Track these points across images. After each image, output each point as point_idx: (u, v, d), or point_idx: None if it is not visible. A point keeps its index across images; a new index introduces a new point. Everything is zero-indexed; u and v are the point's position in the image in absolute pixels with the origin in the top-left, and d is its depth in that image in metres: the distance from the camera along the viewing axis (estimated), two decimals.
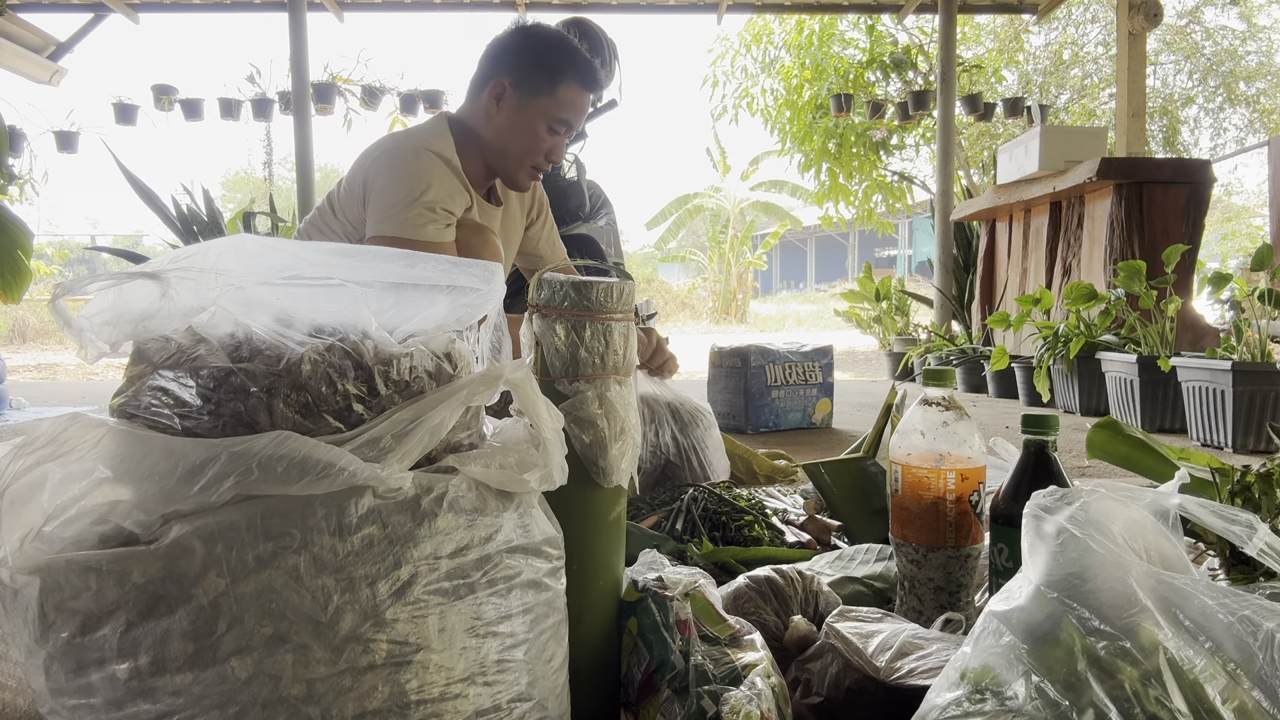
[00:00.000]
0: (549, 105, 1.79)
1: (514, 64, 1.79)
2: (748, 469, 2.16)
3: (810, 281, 26.78)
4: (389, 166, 1.72)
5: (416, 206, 1.67)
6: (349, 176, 1.81)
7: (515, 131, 1.81)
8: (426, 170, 1.71)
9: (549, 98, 1.79)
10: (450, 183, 1.75)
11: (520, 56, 1.80)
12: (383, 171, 1.73)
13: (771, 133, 9.03)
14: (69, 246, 15.20)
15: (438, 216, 1.68)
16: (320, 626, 0.60)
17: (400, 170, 1.70)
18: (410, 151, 1.73)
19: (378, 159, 1.76)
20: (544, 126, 1.80)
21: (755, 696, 0.77)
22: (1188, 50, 12.22)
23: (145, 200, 5.08)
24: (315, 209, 1.90)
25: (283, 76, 6.89)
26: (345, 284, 0.71)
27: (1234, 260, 10.65)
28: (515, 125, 1.80)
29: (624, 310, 0.87)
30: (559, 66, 1.79)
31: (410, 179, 1.69)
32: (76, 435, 0.65)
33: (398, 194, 1.68)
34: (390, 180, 1.71)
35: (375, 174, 1.74)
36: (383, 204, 1.69)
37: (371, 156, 1.78)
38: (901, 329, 6.40)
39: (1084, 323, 3.74)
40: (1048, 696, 0.59)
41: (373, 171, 1.75)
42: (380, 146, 1.79)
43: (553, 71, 1.78)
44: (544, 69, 1.79)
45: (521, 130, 1.80)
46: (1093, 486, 0.70)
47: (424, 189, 1.68)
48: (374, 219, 1.70)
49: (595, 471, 0.85)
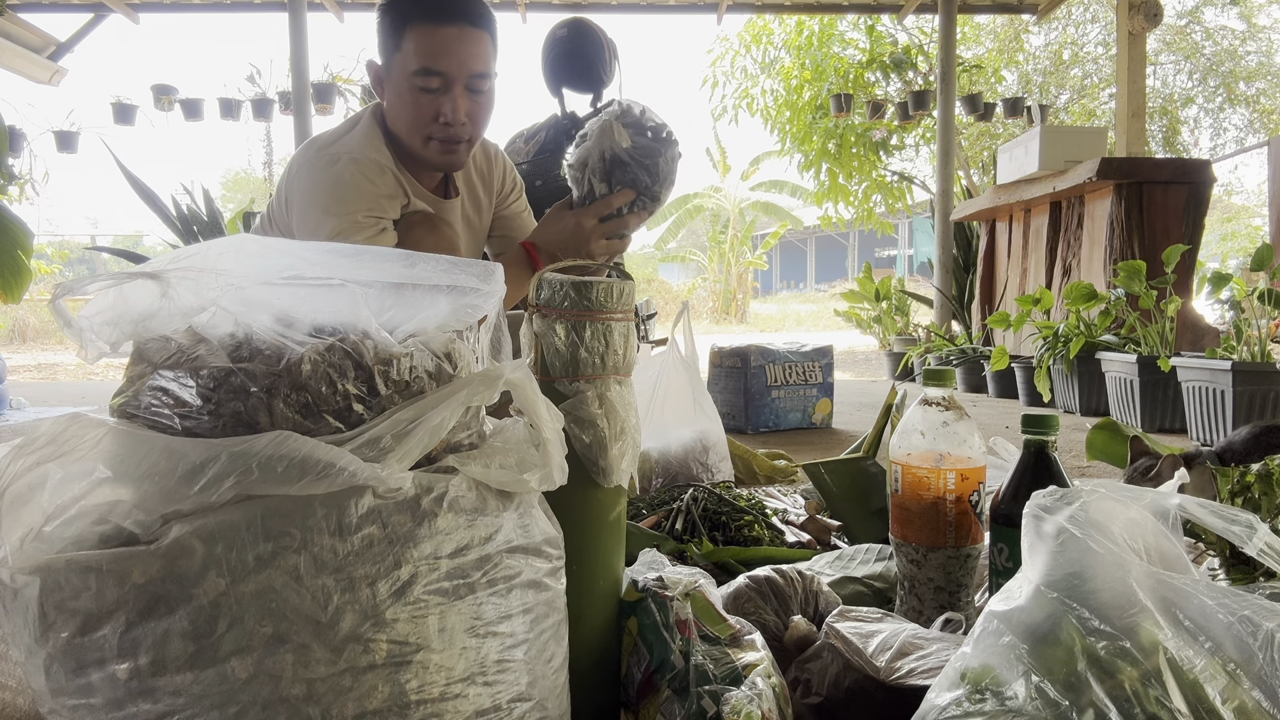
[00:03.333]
0: (403, 61, 1.57)
1: (378, 39, 1.63)
2: (748, 469, 2.16)
3: (810, 281, 26.79)
4: (307, 180, 1.59)
5: (339, 219, 1.53)
6: (282, 187, 1.69)
7: (395, 108, 1.62)
8: (344, 178, 1.56)
9: (400, 53, 1.57)
10: (376, 185, 1.59)
11: (377, 31, 1.63)
12: (301, 185, 1.61)
13: (771, 133, 9.04)
14: (69, 246, 15.20)
15: (363, 224, 1.55)
16: (320, 626, 0.60)
17: (318, 182, 1.57)
18: (326, 161, 1.59)
19: (297, 172, 1.62)
20: (410, 87, 1.57)
21: (756, 696, 0.77)
22: (1188, 50, 12.22)
23: (145, 200, 5.08)
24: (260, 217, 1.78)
25: (283, 76, 6.90)
26: (345, 284, 0.71)
27: (1234, 260, 10.65)
28: (392, 102, 1.62)
29: (624, 310, 0.87)
30: (399, 15, 1.57)
31: (328, 190, 1.55)
32: (76, 435, 0.65)
33: (318, 208, 1.55)
34: (310, 194, 1.58)
35: (294, 187, 1.62)
36: (307, 221, 1.57)
37: (293, 169, 1.65)
38: (901, 329, 6.40)
39: (1084, 323, 3.74)
40: (1048, 696, 0.59)
41: (293, 185, 1.62)
42: (300, 158, 1.65)
43: (395, 25, 1.58)
44: (389, 29, 1.59)
45: (396, 104, 1.61)
46: (1093, 486, 0.70)
47: (343, 199, 1.54)
48: (301, 236, 1.57)
49: (595, 471, 0.85)
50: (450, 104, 1.58)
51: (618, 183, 1.46)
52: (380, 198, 1.58)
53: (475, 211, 1.87)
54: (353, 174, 1.56)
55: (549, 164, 2.62)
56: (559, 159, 2.67)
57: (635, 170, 1.46)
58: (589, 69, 2.57)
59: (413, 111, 1.59)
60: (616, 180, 1.46)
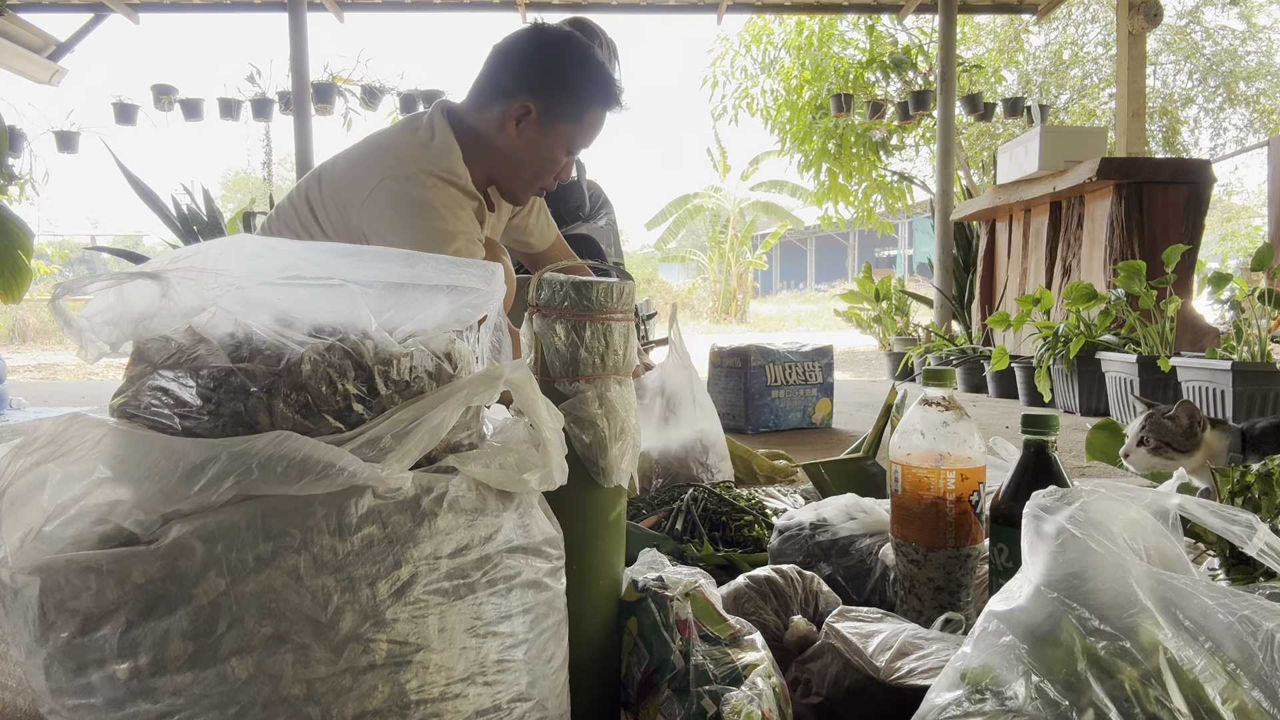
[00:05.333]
0: (572, 131, 1.71)
1: (539, 86, 1.68)
2: (748, 469, 2.16)
3: (810, 281, 26.79)
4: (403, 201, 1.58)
5: (459, 239, 1.58)
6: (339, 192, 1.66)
7: (534, 156, 1.72)
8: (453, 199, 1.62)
9: (574, 124, 1.71)
10: (469, 208, 1.67)
11: (546, 77, 1.68)
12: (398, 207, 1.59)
13: (771, 133, 9.04)
14: (69, 246, 15.19)
15: (476, 249, 1.61)
16: (320, 626, 0.60)
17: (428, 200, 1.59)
18: (428, 179, 1.61)
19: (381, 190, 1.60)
20: (563, 151, 1.73)
21: (756, 696, 0.77)
22: (1188, 50, 12.22)
23: (145, 200, 5.08)
24: (289, 205, 1.74)
25: (283, 76, 6.90)
26: (345, 284, 0.71)
27: (1234, 260, 10.65)
28: (535, 150, 1.72)
29: (624, 310, 0.87)
30: (586, 90, 1.69)
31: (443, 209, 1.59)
32: (76, 435, 0.65)
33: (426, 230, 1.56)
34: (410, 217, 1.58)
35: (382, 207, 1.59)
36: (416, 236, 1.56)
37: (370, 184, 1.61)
38: (901, 329, 6.40)
39: (1084, 323, 3.74)
40: (1048, 696, 0.59)
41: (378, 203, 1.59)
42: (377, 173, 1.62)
43: (580, 97, 1.69)
44: (571, 94, 1.69)
45: (541, 155, 1.72)
46: (1093, 486, 0.70)
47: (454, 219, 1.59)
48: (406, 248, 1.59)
49: (595, 471, 0.85)
50: (570, 169, 1.80)
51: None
52: (474, 220, 1.69)
53: (498, 223, 1.96)
54: (458, 195, 1.65)
55: None
56: None
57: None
58: None
59: (550, 167, 1.75)
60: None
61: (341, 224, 1.67)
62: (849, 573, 1.20)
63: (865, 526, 1.24)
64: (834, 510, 1.29)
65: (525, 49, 1.71)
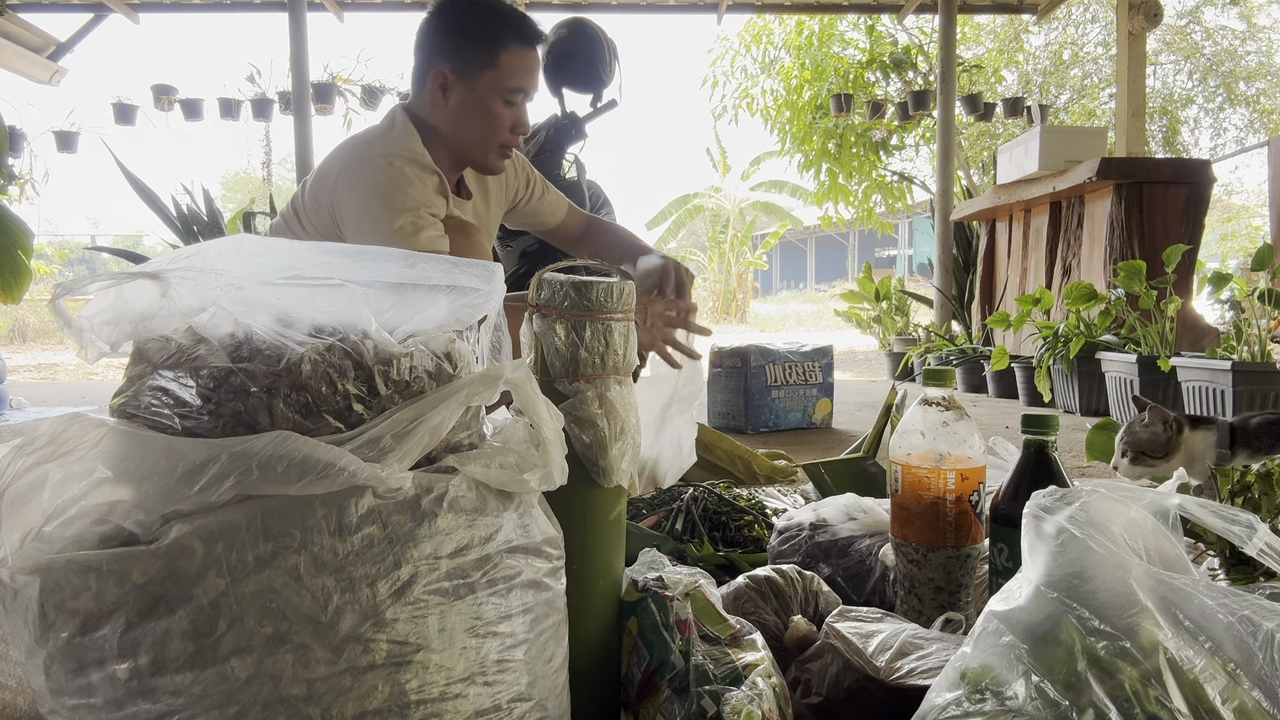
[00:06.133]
0: (495, 78, 1.66)
1: (447, 48, 1.67)
2: (748, 469, 2.16)
3: (810, 281, 26.78)
4: (363, 179, 1.61)
5: (404, 215, 1.56)
6: (313, 188, 1.70)
7: (470, 117, 1.69)
8: (403, 176, 1.60)
9: (493, 70, 1.65)
10: (427, 185, 1.64)
11: (450, 37, 1.67)
12: (354, 188, 1.61)
13: (771, 133, 9.04)
14: (69, 246, 15.19)
15: (426, 221, 1.58)
16: (320, 626, 0.60)
17: (376, 181, 1.59)
18: (380, 161, 1.61)
19: (343, 175, 1.63)
20: (498, 102, 1.67)
21: (756, 696, 0.77)
22: (1188, 50, 12.22)
23: (145, 200, 5.07)
24: (285, 212, 1.78)
25: (283, 76, 6.90)
26: (345, 284, 0.71)
27: (1234, 260, 10.65)
28: (468, 111, 1.68)
29: (624, 310, 0.87)
30: (493, 33, 1.65)
31: (391, 188, 1.58)
32: (76, 435, 0.65)
33: (378, 208, 1.57)
34: (366, 196, 1.59)
35: (344, 191, 1.62)
36: (365, 223, 1.58)
37: (335, 171, 1.65)
38: (901, 329, 6.40)
39: (1084, 323, 3.74)
40: (1048, 696, 0.59)
41: (342, 187, 1.62)
42: (343, 161, 1.66)
43: (486, 42, 1.65)
44: (477, 42, 1.66)
45: (476, 114, 1.68)
46: (1093, 486, 0.70)
47: (404, 196, 1.57)
48: (361, 234, 1.59)
49: (595, 471, 0.85)
50: (524, 118, 1.73)
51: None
52: (434, 196, 1.64)
53: (485, 210, 1.91)
54: (411, 172, 1.62)
55: (549, 164, 2.62)
56: (559, 159, 2.67)
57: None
58: (589, 69, 2.57)
59: (494, 123, 1.69)
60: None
61: (319, 219, 1.68)
62: (849, 573, 1.20)
63: (865, 527, 1.24)
64: (834, 510, 1.29)
65: (429, 24, 1.71)
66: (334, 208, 1.64)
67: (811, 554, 1.24)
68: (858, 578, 1.19)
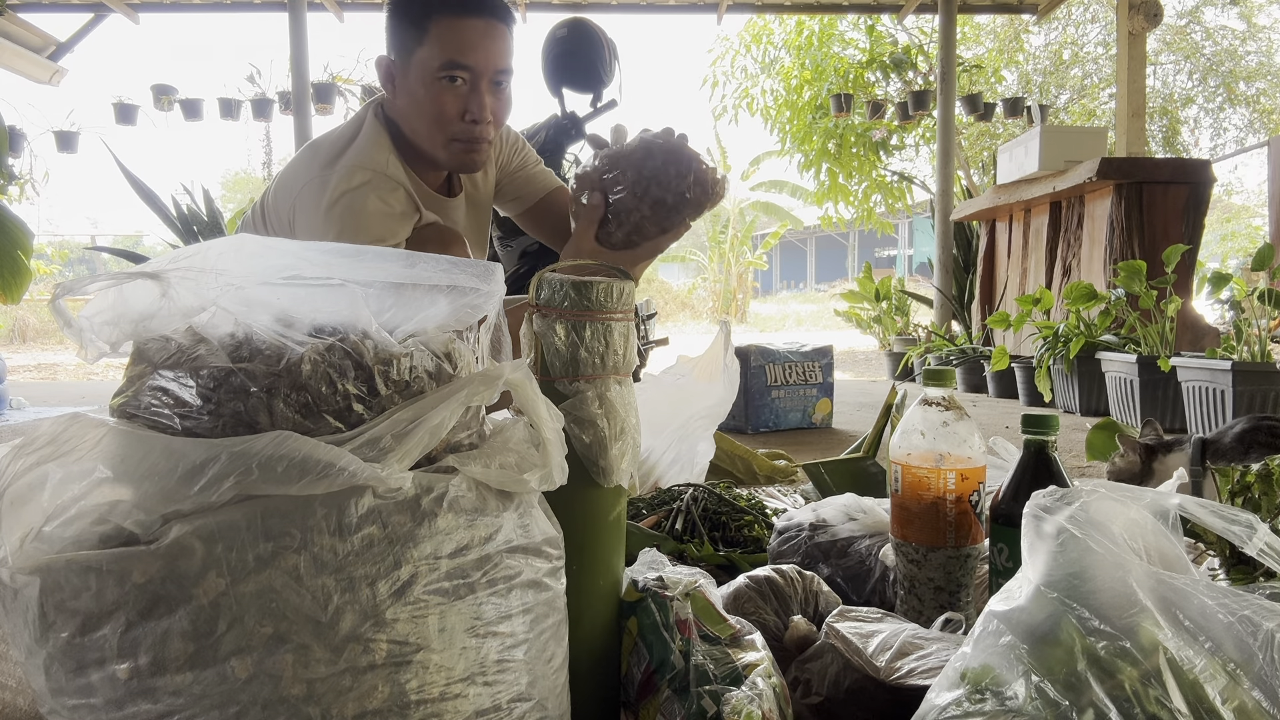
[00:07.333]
0: (426, 55, 1.48)
1: (388, 39, 1.54)
2: (748, 469, 2.16)
3: (810, 281, 26.77)
4: (317, 210, 1.50)
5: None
6: (277, 194, 1.61)
7: (413, 106, 1.53)
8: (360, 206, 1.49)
9: (423, 47, 1.48)
10: (389, 205, 1.52)
11: (389, 24, 1.53)
12: (312, 214, 1.51)
13: (771, 133, 9.04)
14: (69, 246, 15.18)
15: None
16: (320, 626, 0.60)
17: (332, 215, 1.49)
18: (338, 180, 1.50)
19: (304, 193, 1.53)
20: (434, 83, 1.49)
21: (756, 696, 0.77)
22: (1188, 50, 12.22)
23: (145, 200, 5.07)
24: (250, 210, 1.69)
25: (283, 76, 6.90)
26: (345, 284, 0.71)
27: (1234, 260, 10.65)
28: (408, 100, 1.53)
29: (624, 310, 0.87)
30: (421, 6, 1.49)
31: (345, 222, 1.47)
32: (76, 435, 0.65)
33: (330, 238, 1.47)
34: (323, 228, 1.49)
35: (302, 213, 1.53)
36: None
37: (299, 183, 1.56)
38: (901, 329, 6.40)
39: (1084, 323, 3.74)
40: (1048, 696, 0.59)
41: (300, 209, 1.53)
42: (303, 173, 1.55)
43: (416, 17, 1.49)
44: (408, 20, 1.50)
45: (416, 101, 1.52)
46: (1093, 486, 0.70)
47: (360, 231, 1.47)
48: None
49: (595, 471, 0.85)
50: (477, 101, 1.51)
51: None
52: (392, 219, 1.52)
53: (479, 200, 1.82)
54: (373, 200, 1.50)
55: (549, 164, 2.62)
56: (559, 159, 2.67)
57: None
58: (589, 69, 2.57)
59: (435, 109, 1.51)
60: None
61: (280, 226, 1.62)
62: (849, 573, 1.20)
63: (865, 527, 1.24)
64: (833, 511, 1.29)
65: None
66: (292, 225, 1.57)
67: (811, 554, 1.24)
68: (858, 578, 1.19)
